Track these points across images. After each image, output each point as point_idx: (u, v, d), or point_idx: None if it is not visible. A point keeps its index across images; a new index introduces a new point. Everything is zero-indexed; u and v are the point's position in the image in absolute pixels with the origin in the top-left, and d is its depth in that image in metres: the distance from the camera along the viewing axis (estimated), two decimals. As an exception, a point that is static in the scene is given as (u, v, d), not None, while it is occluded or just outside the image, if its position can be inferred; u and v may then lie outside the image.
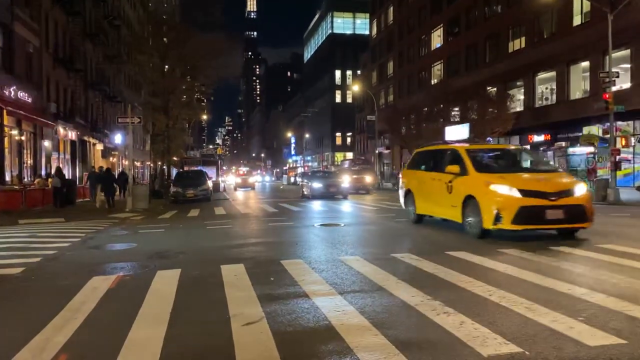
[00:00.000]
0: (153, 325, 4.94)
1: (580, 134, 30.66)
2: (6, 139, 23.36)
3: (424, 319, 4.75)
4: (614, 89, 23.81)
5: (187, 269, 7.67)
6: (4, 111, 22.06)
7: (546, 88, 36.88)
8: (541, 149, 31.05)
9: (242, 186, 48.46)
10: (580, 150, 25.19)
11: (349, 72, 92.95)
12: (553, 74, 35.22)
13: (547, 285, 5.93)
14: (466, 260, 7.77)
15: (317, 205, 22.41)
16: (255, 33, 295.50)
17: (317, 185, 27.72)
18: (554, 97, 35.47)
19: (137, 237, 11.90)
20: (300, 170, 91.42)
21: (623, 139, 25.54)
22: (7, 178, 23.04)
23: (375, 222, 14.45)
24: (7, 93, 22.47)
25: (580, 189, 9.53)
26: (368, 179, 37.32)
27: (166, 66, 35.61)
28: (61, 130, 29.99)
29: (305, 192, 28.93)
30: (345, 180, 30.84)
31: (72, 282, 7.03)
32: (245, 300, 5.73)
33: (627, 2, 21.99)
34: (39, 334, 4.72)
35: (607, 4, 23.54)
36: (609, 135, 27.32)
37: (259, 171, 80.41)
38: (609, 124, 28.75)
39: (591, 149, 25.01)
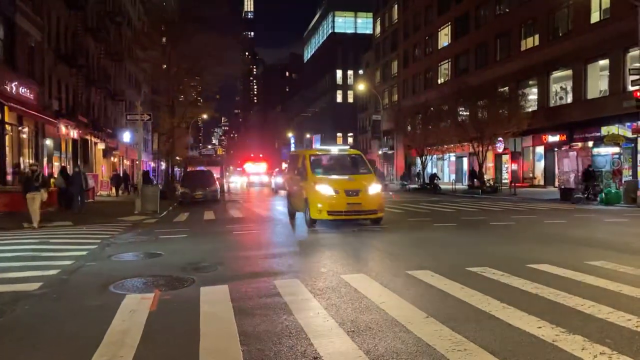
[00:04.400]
0: (226, 367, 3.89)
1: (598, 133, 29.76)
2: (7, 137, 22.18)
3: (581, 363, 3.71)
4: (634, 87, 22.81)
5: (234, 284, 6.61)
6: (5, 107, 20.88)
7: (561, 87, 35.92)
8: (560, 149, 30.04)
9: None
10: (605, 151, 24.17)
11: (350, 72, 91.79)
12: (569, 72, 34.26)
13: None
14: (557, 274, 6.73)
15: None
16: (252, 33, 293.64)
17: None
18: (570, 96, 34.51)
19: (160, 244, 10.79)
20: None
21: (654, 139, 24.49)
22: (9, 178, 21.85)
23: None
24: (8, 88, 21.28)
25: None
26: None
27: (169, 64, 34.56)
28: (63, 128, 28.76)
29: None
30: None
31: (103, 302, 5.97)
32: (328, 330, 4.67)
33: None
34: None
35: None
36: (634, 135, 26.48)
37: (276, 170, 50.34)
38: (629, 123, 27.90)
39: (616, 149, 24.03)
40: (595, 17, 31.86)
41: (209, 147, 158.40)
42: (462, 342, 4.21)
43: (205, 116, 54.66)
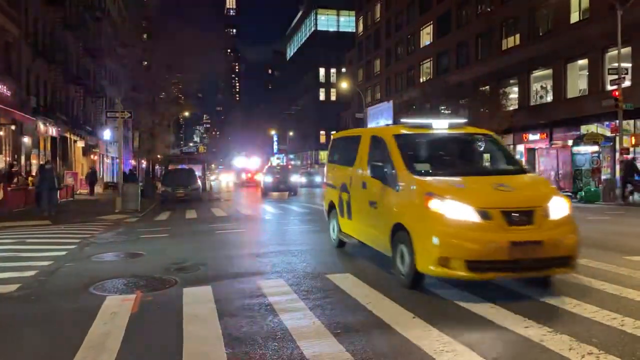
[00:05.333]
0: (211, 371, 3.80)
1: (578, 132, 30.12)
2: (-17, 135, 21.70)
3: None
4: (613, 87, 23.18)
5: (217, 285, 6.51)
6: (-19, 104, 20.41)
7: (541, 87, 36.29)
8: (541, 147, 30.39)
9: None
10: (585, 150, 24.51)
11: (333, 70, 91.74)
12: (549, 71, 34.62)
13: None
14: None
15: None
16: (234, 30, 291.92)
17: None
18: (550, 95, 34.90)
19: (142, 243, 10.62)
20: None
21: (632, 137, 24.88)
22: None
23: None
24: (-16, 85, 20.83)
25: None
26: None
27: (150, 61, 34.19)
28: (41, 126, 28.21)
29: None
30: None
31: (82, 305, 5.83)
32: (314, 331, 4.60)
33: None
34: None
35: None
36: (613, 134, 26.81)
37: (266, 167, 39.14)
38: (607, 122, 28.31)
39: (595, 148, 24.36)
40: (574, 17, 32.23)
41: (191, 144, 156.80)
42: (450, 342, 4.18)
43: (186, 114, 54.19)
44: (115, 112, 20.36)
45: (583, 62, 31.85)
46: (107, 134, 38.35)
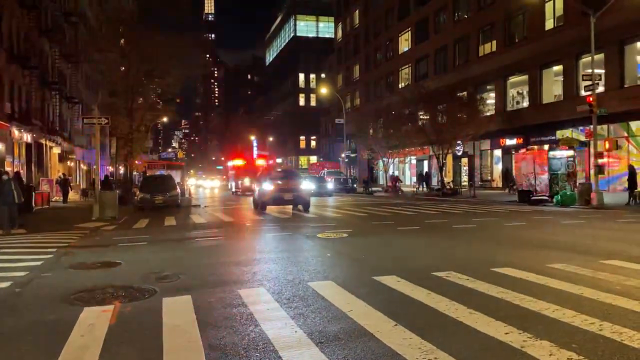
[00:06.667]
0: (191, 384, 3.74)
1: (554, 137, 30.63)
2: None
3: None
4: (587, 92, 23.62)
5: (197, 295, 6.43)
6: (-47, 110, 19.95)
7: (518, 92, 36.89)
8: (517, 152, 30.80)
9: None
10: (560, 154, 24.90)
11: (312, 76, 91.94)
12: (525, 77, 35.23)
13: None
14: (521, 278, 6.82)
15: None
16: (213, 35, 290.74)
17: None
18: (526, 100, 35.48)
19: (119, 252, 10.45)
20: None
21: (606, 142, 25.38)
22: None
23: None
24: (-44, 91, 20.36)
25: None
26: None
27: (127, 66, 33.80)
28: (16, 132, 27.72)
29: None
30: None
31: (59, 316, 5.70)
32: (296, 341, 4.57)
33: (611, 3, 21.74)
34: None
35: (589, 6, 23.27)
36: (587, 139, 27.36)
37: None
38: (582, 127, 28.85)
39: (571, 152, 24.77)
40: (549, 24, 32.84)
41: (169, 150, 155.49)
42: (432, 350, 4.19)
43: (165, 119, 53.68)
44: (92, 118, 20.08)
45: (558, 68, 32.48)
46: (83, 140, 37.86)
